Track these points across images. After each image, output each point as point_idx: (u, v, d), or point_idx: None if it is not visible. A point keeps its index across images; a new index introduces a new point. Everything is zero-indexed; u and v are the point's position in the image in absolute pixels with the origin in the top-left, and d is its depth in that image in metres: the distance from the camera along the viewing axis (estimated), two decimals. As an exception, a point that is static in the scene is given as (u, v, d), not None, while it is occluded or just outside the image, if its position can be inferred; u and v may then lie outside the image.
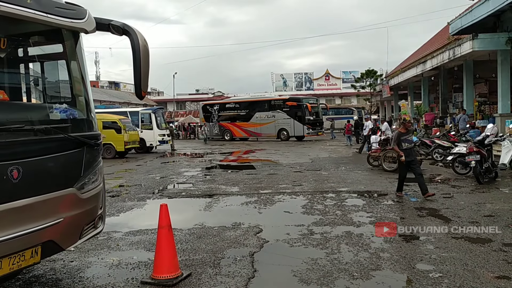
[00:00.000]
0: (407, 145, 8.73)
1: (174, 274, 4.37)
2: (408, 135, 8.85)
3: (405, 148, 8.66)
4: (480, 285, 4.07)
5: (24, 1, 3.47)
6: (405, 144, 8.70)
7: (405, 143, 8.71)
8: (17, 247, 3.48)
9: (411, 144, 8.87)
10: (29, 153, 3.59)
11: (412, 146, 8.98)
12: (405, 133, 8.83)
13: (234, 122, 33.96)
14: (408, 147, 8.75)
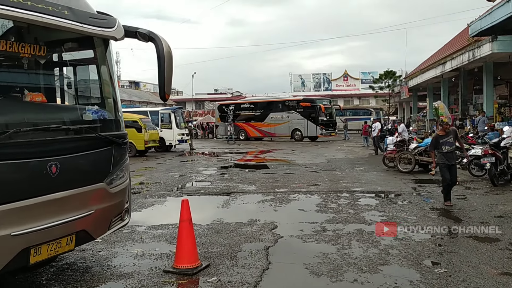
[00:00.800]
0: (448, 148, 8.11)
1: (194, 264, 4.71)
2: (448, 137, 8.19)
3: (446, 152, 8.09)
4: (482, 280, 4.30)
5: (62, 12, 3.85)
6: (446, 147, 8.11)
7: (446, 146, 8.11)
8: (54, 235, 3.86)
9: (452, 146, 8.18)
10: (65, 150, 3.97)
11: (454, 149, 8.27)
12: (444, 136, 8.22)
13: (249, 122, 34.35)
14: (449, 150, 8.11)
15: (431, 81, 30.15)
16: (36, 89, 4.33)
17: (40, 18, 3.62)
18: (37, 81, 4.47)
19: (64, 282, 4.50)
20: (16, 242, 3.53)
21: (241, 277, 4.52)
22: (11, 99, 3.96)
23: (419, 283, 4.29)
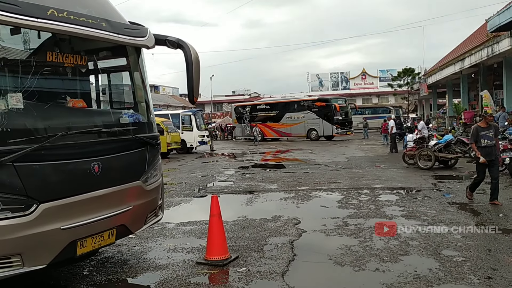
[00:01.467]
0: (487, 142, 7.59)
1: (224, 256, 5.03)
2: (488, 131, 7.65)
3: (485, 146, 7.59)
4: (499, 267, 4.51)
5: (101, 24, 4.21)
6: (485, 141, 7.59)
7: (485, 139, 7.59)
8: (98, 229, 4.22)
9: (492, 141, 7.63)
10: (106, 151, 4.34)
11: (493, 144, 7.71)
12: (486, 128, 7.69)
13: (265, 122, 34.65)
14: (489, 145, 7.60)
15: (450, 78, 29.93)
16: (77, 96, 4.72)
17: (82, 31, 3.99)
18: (78, 88, 4.85)
19: (105, 274, 4.87)
20: (65, 235, 3.90)
21: (269, 267, 4.82)
22: (57, 105, 4.34)
23: (437, 270, 4.51)
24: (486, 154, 7.59)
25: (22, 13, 3.52)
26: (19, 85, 3.76)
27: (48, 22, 3.70)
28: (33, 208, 3.64)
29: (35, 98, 3.87)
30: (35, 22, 3.62)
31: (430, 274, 4.43)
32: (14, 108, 3.65)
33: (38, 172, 3.72)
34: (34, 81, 3.87)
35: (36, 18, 3.62)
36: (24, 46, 4.09)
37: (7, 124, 3.56)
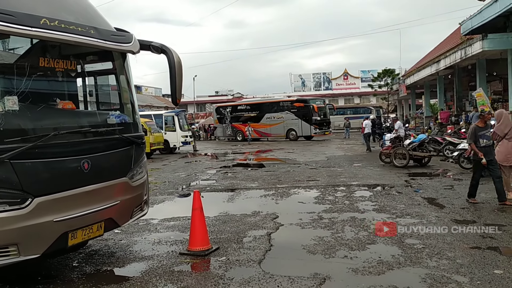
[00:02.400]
0: (486, 142, 7.50)
1: (206, 247, 5.40)
2: (486, 130, 7.61)
3: (484, 146, 7.49)
4: (454, 253, 5.00)
5: (89, 32, 4.56)
6: (483, 141, 7.49)
7: (483, 139, 7.49)
8: (87, 221, 4.56)
9: (489, 140, 7.58)
10: (94, 149, 4.68)
11: (492, 143, 7.67)
12: (484, 128, 7.63)
13: (246, 123, 35.08)
14: (487, 144, 7.52)
15: (427, 79, 30.79)
16: (66, 98, 5.05)
17: (72, 38, 4.33)
18: (67, 91, 5.17)
19: (93, 264, 5.21)
20: (57, 227, 4.24)
21: (247, 256, 5.22)
22: (49, 107, 4.67)
23: (399, 256, 4.98)
24: (485, 154, 7.46)
25: (17, 22, 3.85)
26: (15, 89, 4.08)
27: (41, 31, 4.04)
28: (28, 202, 3.97)
29: (29, 100, 4.19)
30: (29, 31, 3.95)
31: (392, 259, 4.89)
32: (10, 110, 3.97)
33: (32, 168, 4.05)
34: (28, 84, 4.18)
35: (31, 27, 3.95)
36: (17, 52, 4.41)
37: (4, 124, 3.89)
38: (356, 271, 4.58)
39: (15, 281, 4.68)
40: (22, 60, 4.38)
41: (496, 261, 4.68)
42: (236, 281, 4.41)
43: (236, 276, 4.56)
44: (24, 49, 4.46)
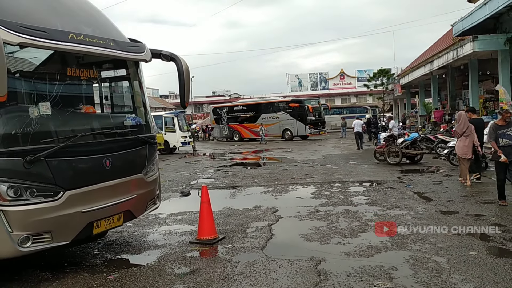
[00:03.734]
0: (506, 141, 7.20)
1: (213, 236, 5.98)
2: (507, 129, 7.28)
3: (504, 145, 7.21)
4: (436, 238, 5.59)
5: (109, 44, 5.13)
6: (504, 140, 7.22)
7: (504, 138, 7.23)
8: (109, 212, 5.13)
9: (511, 140, 7.23)
10: (114, 149, 5.25)
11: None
12: (504, 126, 7.34)
13: (242, 123, 35.61)
14: (507, 144, 7.20)
15: (422, 79, 31.46)
16: (90, 103, 5.62)
17: (95, 50, 4.91)
18: (89, 96, 5.73)
19: (113, 252, 5.78)
20: (85, 217, 4.80)
21: (251, 244, 5.80)
22: (75, 111, 5.24)
23: (387, 242, 5.58)
24: (506, 155, 7.15)
25: (49, 37, 4.41)
26: (47, 96, 4.65)
27: (69, 45, 4.61)
28: (60, 195, 4.54)
29: (59, 106, 4.77)
30: (59, 44, 4.52)
31: (380, 245, 5.48)
32: (44, 114, 4.55)
33: (63, 165, 4.62)
34: (58, 91, 4.76)
35: (60, 42, 4.52)
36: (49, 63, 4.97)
37: (39, 127, 4.46)
38: (348, 254, 5.17)
39: (44, 267, 5.24)
40: (52, 70, 4.93)
41: (472, 245, 5.27)
42: (242, 264, 4.99)
43: (242, 260, 5.14)
44: (54, 61, 5.00)
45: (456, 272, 4.41)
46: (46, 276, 4.92)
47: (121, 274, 4.88)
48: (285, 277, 4.51)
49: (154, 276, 4.75)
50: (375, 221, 6.72)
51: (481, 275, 4.30)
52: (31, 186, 4.34)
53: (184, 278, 4.65)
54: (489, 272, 4.36)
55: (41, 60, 4.88)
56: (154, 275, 4.80)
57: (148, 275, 4.82)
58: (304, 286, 4.24)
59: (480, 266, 4.56)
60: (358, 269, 4.63)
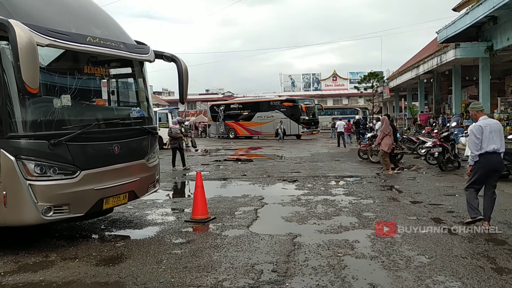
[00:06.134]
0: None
1: (206, 216, 6.84)
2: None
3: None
4: (397, 220, 6.50)
5: (119, 46, 5.97)
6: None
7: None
8: (117, 191, 5.96)
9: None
10: (122, 137, 6.09)
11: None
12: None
13: (238, 121, 36.35)
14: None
15: (409, 82, 32.55)
16: (101, 96, 6.45)
17: (108, 51, 5.76)
18: (101, 91, 6.56)
19: (118, 227, 6.63)
20: (97, 194, 5.64)
21: (238, 223, 6.67)
22: (90, 103, 6.08)
23: (355, 223, 6.48)
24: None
25: (70, 40, 5.24)
26: (68, 89, 5.48)
27: (87, 46, 5.45)
28: (77, 173, 5.37)
29: (77, 98, 5.60)
30: (79, 46, 5.35)
31: (349, 225, 6.38)
32: (65, 105, 5.39)
33: (80, 149, 5.46)
34: (76, 86, 5.60)
35: (80, 44, 5.36)
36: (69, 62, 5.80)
37: (61, 116, 5.30)
38: (320, 232, 6.06)
39: (58, 237, 6.07)
40: (71, 68, 5.77)
41: (426, 226, 6.18)
42: (230, 237, 5.86)
43: (229, 234, 6.01)
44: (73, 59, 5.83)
45: (406, 244, 5.32)
46: (62, 243, 5.76)
47: (127, 243, 5.74)
48: (265, 246, 5.38)
49: (155, 244, 5.61)
50: (348, 208, 7.63)
51: (425, 246, 5.21)
52: (54, 165, 5.17)
53: (180, 246, 5.51)
54: (432, 244, 5.28)
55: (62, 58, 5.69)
56: (155, 243, 5.66)
57: (150, 243, 5.68)
58: (281, 252, 5.12)
59: (426, 240, 5.48)
60: (327, 241, 5.52)
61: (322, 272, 4.46)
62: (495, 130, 5.99)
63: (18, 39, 4.46)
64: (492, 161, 5.97)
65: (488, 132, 5.92)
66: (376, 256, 4.93)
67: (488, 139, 5.91)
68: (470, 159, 6.22)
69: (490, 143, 5.91)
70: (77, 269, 4.73)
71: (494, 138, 5.93)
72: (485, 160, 5.93)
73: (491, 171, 6.03)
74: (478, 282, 4.10)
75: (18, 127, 5.00)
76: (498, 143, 5.95)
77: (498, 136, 6.00)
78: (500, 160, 6.15)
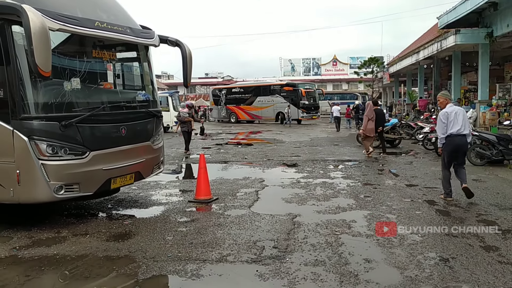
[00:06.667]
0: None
1: (209, 197, 7.10)
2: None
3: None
4: (392, 202, 6.77)
5: (126, 31, 6.15)
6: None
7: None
8: (124, 172, 6.20)
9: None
10: (129, 119, 6.30)
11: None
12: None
13: (239, 105, 36.28)
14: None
15: (409, 68, 32.57)
16: (107, 80, 6.63)
17: (116, 36, 5.94)
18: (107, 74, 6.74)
19: (124, 207, 6.89)
20: (105, 174, 5.87)
21: (240, 203, 6.93)
22: (98, 87, 6.27)
23: (353, 204, 6.75)
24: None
25: (80, 25, 5.42)
26: (77, 73, 5.67)
27: (96, 31, 5.63)
28: (87, 154, 5.60)
29: (86, 82, 5.80)
30: (88, 30, 5.53)
31: (347, 206, 6.65)
32: (75, 88, 5.59)
33: (89, 130, 5.67)
34: (85, 69, 5.79)
35: (89, 28, 5.53)
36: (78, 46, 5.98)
37: (71, 98, 5.51)
38: (319, 212, 6.32)
39: (68, 215, 6.34)
40: (80, 51, 5.95)
41: (420, 207, 6.45)
42: (232, 216, 6.12)
43: (232, 214, 6.27)
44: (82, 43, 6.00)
45: (401, 224, 5.59)
46: (72, 221, 6.03)
47: (134, 221, 6.01)
48: (266, 225, 5.65)
49: (161, 222, 5.87)
50: (346, 190, 7.89)
51: (419, 225, 5.48)
52: (65, 145, 5.40)
53: (185, 224, 5.78)
54: (425, 224, 5.54)
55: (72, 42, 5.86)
56: (161, 221, 5.93)
57: (156, 221, 5.95)
58: (281, 231, 5.38)
59: (420, 220, 5.75)
60: (326, 221, 5.78)
61: (320, 248, 4.73)
62: (459, 115, 6.84)
63: (32, 24, 4.63)
64: (457, 141, 6.81)
65: (453, 117, 6.79)
66: (372, 234, 5.20)
67: (453, 123, 6.78)
68: (439, 141, 7.14)
69: (455, 126, 6.77)
70: (89, 244, 4.99)
71: (459, 122, 6.77)
72: (451, 141, 6.80)
73: (457, 150, 6.89)
74: (466, 258, 4.37)
75: (30, 109, 5.21)
76: (462, 126, 6.76)
77: (462, 120, 6.80)
78: (465, 141, 6.91)
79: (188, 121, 14.25)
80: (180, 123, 14.48)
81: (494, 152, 10.41)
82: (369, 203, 6.79)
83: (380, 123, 13.05)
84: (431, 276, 3.95)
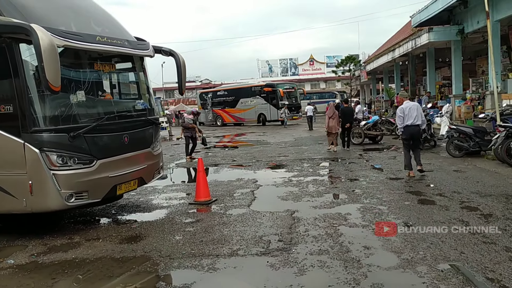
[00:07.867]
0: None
1: (208, 199, 7.43)
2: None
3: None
4: (382, 195, 7.24)
5: (124, 44, 6.44)
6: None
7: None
8: (128, 178, 6.48)
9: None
10: (131, 128, 6.59)
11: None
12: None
13: (224, 108, 36.40)
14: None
15: (386, 65, 33.47)
16: (108, 90, 6.91)
17: (116, 49, 6.24)
18: (107, 85, 7.01)
19: (127, 211, 7.16)
20: (111, 180, 6.15)
21: (239, 203, 7.29)
22: (100, 98, 6.54)
23: (345, 199, 7.20)
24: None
25: (83, 40, 5.70)
26: (81, 85, 5.95)
27: (97, 45, 5.91)
28: (94, 163, 5.87)
29: (90, 93, 6.08)
30: (90, 45, 5.81)
31: (340, 201, 7.09)
32: (80, 100, 5.86)
33: (96, 140, 5.95)
34: (89, 82, 6.07)
35: (90, 43, 5.81)
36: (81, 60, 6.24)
37: (77, 110, 5.78)
38: (315, 207, 6.74)
39: (76, 222, 6.59)
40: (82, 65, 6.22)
41: (408, 198, 6.94)
42: (234, 215, 6.48)
43: (233, 213, 6.63)
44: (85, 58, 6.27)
45: (392, 214, 6.05)
46: (81, 227, 6.29)
47: (141, 224, 6.31)
48: (268, 221, 6.03)
49: (168, 224, 6.19)
50: (337, 186, 8.33)
51: (409, 214, 5.95)
52: (74, 155, 5.66)
53: (192, 224, 6.11)
54: (415, 213, 6.02)
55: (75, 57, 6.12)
56: (168, 223, 6.24)
57: (163, 223, 6.26)
58: (283, 226, 5.77)
59: (409, 210, 6.22)
60: (322, 215, 6.20)
61: (322, 239, 5.13)
62: (413, 110, 8.80)
63: (41, 42, 4.90)
64: (411, 130, 8.87)
65: (408, 111, 8.79)
66: (367, 225, 5.63)
67: (408, 116, 8.79)
68: (399, 130, 9.51)
69: (410, 118, 8.79)
70: (103, 247, 5.28)
71: (413, 115, 8.76)
72: (408, 130, 8.89)
73: (412, 137, 8.99)
74: (454, 241, 4.84)
75: (40, 122, 5.46)
76: (415, 118, 8.75)
77: (415, 113, 8.76)
78: (418, 129, 8.98)
79: (192, 127, 14.39)
80: (184, 128, 14.67)
81: (471, 144, 11.03)
82: (360, 197, 7.24)
83: (348, 120, 14.54)
84: (425, 257, 4.39)
